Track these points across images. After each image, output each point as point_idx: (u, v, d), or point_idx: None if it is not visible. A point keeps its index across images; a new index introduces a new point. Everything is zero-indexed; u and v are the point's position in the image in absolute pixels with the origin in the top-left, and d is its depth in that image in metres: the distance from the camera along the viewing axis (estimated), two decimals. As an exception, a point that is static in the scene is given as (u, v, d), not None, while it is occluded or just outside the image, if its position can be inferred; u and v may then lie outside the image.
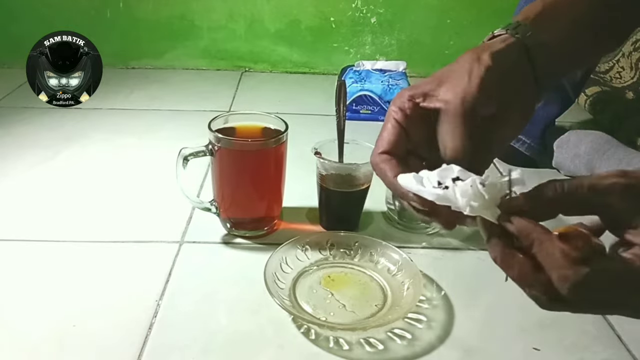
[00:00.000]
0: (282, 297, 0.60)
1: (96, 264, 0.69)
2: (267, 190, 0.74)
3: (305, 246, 0.69)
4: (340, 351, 0.57)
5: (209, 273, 0.68)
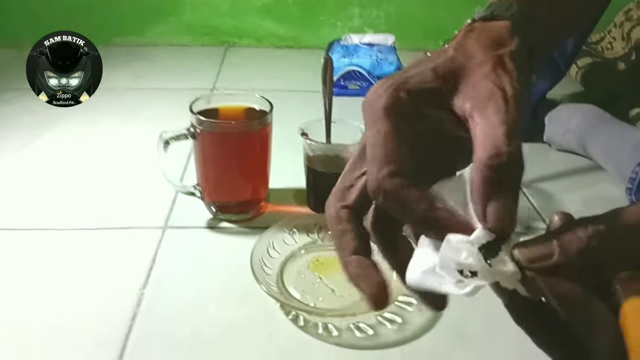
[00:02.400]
0: (269, 283, 0.59)
1: (76, 253, 0.67)
2: (253, 173, 0.72)
3: (293, 229, 0.68)
4: (329, 337, 0.56)
5: (194, 259, 0.66)
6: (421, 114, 0.32)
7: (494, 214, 0.27)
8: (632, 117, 0.95)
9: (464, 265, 0.28)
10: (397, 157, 0.30)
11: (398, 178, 0.29)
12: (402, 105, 0.31)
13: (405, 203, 0.29)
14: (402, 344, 0.55)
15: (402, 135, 0.30)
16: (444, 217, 0.28)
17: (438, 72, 0.32)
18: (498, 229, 0.27)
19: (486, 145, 0.28)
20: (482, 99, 0.31)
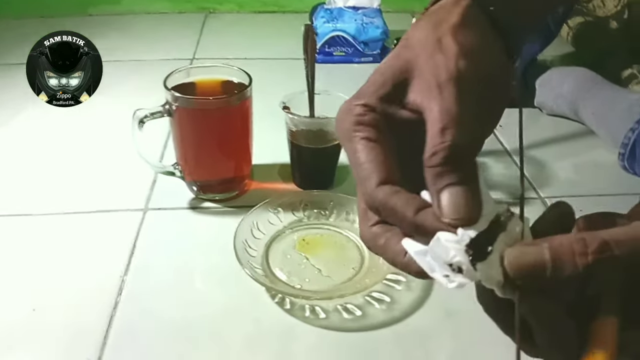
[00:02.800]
0: (253, 266, 0.57)
1: (52, 239, 0.64)
2: (234, 150, 0.69)
3: (278, 208, 0.66)
4: (316, 320, 0.54)
5: (176, 242, 0.64)
6: (392, 119, 0.31)
7: (446, 207, 0.27)
8: (624, 78, 0.92)
9: (452, 262, 0.27)
10: (379, 168, 0.30)
11: (387, 186, 0.29)
12: (367, 119, 0.31)
13: (396, 209, 0.29)
14: (391, 324, 0.54)
15: (378, 148, 0.30)
16: (431, 220, 0.28)
17: (386, 75, 0.32)
18: (455, 222, 0.27)
19: (427, 144, 0.28)
20: (425, 90, 0.30)
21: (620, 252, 0.25)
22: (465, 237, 0.26)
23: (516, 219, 0.28)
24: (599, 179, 0.77)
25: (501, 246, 0.26)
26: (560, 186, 0.76)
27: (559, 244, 0.25)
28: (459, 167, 0.28)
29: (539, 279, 0.25)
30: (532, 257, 0.25)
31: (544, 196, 0.73)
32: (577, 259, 0.25)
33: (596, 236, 0.25)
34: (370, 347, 0.52)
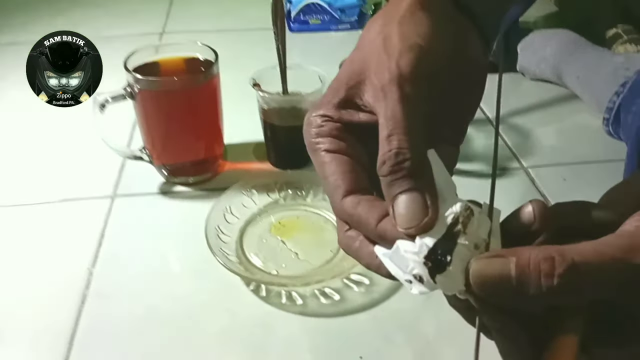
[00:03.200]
0: (226, 254, 0.55)
1: (16, 231, 0.61)
2: (203, 130, 0.66)
3: (251, 190, 0.63)
4: (293, 307, 0.52)
5: (146, 230, 0.61)
6: (352, 125, 0.30)
7: (399, 216, 0.26)
8: (609, 38, 0.90)
9: (412, 273, 0.26)
10: (343, 179, 0.29)
11: (351, 197, 0.29)
12: (326, 130, 0.30)
13: (360, 220, 0.28)
14: (370, 308, 0.52)
15: (340, 158, 0.30)
16: (391, 230, 0.27)
17: (340, 80, 0.31)
18: (409, 232, 0.26)
19: (379, 152, 0.28)
20: (373, 93, 0.29)
21: (588, 277, 0.24)
22: (423, 248, 0.25)
23: (479, 217, 0.26)
24: (583, 145, 0.75)
25: (462, 252, 0.25)
26: (544, 154, 0.73)
27: (526, 261, 0.24)
28: (409, 174, 0.27)
29: (501, 295, 0.24)
30: (497, 272, 0.24)
31: (527, 165, 0.71)
32: (543, 280, 0.23)
33: (566, 256, 0.24)
34: (349, 333, 0.50)
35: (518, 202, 0.28)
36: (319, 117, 0.31)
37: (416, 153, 0.27)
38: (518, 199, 0.65)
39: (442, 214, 0.26)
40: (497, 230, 0.27)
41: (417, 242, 0.25)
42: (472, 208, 0.26)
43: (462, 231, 0.25)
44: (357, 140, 0.31)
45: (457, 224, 0.25)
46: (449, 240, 0.25)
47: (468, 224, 0.25)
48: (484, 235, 0.26)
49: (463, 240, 0.25)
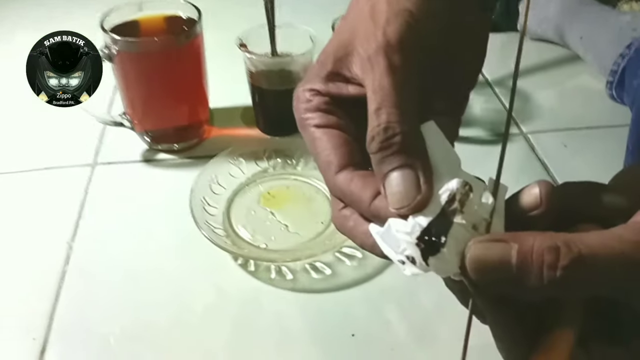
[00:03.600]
0: (213, 227, 0.52)
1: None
2: (186, 94, 0.62)
3: (239, 159, 0.60)
4: (283, 282, 0.50)
5: (129, 201, 0.58)
6: (342, 98, 0.29)
7: (390, 195, 0.25)
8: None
9: (404, 254, 0.24)
10: (335, 154, 0.28)
11: (345, 172, 0.27)
12: (314, 105, 0.29)
13: (353, 197, 0.27)
14: (363, 282, 0.50)
15: (331, 132, 0.28)
16: (385, 209, 0.25)
17: (327, 52, 0.29)
18: (400, 212, 0.25)
19: (368, 128, 0.26)
20: (360, 64, 0.28)
21: (594, 272, 0.22)
22: (416, 228, 0.24)
23: (481, 194, 0.24)
24: (586, 109, 0.72)
25: (459, 232, 0.23)
26: (544, 119, 0.71)
27: (529, 249, 0.22)
28: (400, 149, 0.25)
29: (499, 283, 0.23)
30: (496, 258, 0.22)
31: (527, 131, 0.68)
32: (545, 271, 0.22)
33: (572, 248, 0.22)
34: (341, 309, 0.48)
35: (517, 169, 0.26)
36: (307, 91, 0.29)
37: (407, 127, 0.25)
38: (517, 166, 0.63)
39: (437, 192, 0.24)
40: (502, 209, 0.24)
41: (409, 221, 0.24)
42: (470, 184, 0.24)
43: (459, 210, 0.23)
44: (348, 114, 0.29)
45: (454, 202, 0.23)
46: (444, 219, 0.23)
47: (466, 202, 0.23)
48: (485, 214, 0.24)
49: (460, 220, 0.23)
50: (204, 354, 0.45)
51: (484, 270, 0.23)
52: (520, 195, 0.25)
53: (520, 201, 0.25)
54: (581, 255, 0.21)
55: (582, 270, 0.21)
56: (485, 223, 0.23)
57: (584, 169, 0.63)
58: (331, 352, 0.45)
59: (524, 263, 0.22)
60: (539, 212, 0.24)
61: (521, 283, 0.22)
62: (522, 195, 0.25)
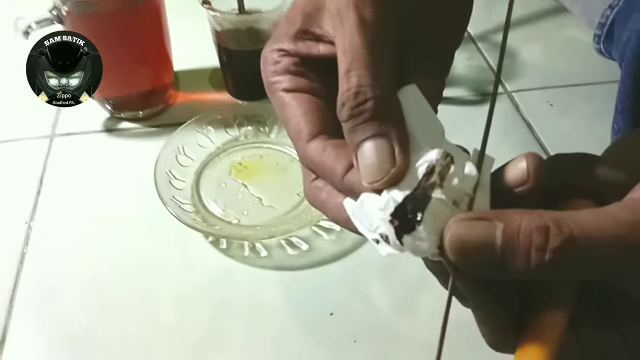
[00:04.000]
0: (179, 203, 0.49)
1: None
2: (148, 56, 0.58)
3: (207, 127, 0.56)
4: (257, 259, 0.48)
5: (90, 175, 0.55)
6: (312, 58, 0.26)
7: (362, 168, 0.23)
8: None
9: (377, 232, 0.22)
10: (306, 121, 0.25)
11: (317, 140, 0.25)
12: (283, 67, 0.26)
13: (325, 169, 0.25)
14: (342, 257, 0.48)
15: (301, 97, 0.26)
16: (359, 183, 0.23)
17: (296, 8, 0.27)
18: (374, 186, 0.22)
19: (338, 93, 0.24)
20: (331, 20, 0.25)
21: (586, 255, 0.20)
22: (390, 204, 0.21)
23: (464, 166, 0.22)
24: (572, 65, 0.69)
25: (438, 208, 0.21)
26: (529, 76, 0.67)
27: (515, 229, 0.20)
28: (373, 117, 0.23)
29: (481, 265, 0.21)
30: (478, 239, 0.20)
31: (511, 90, 0.65)
32: (533, 254, 0.20)
33: (563, 228, 0.20)
34: (319, 286, 0.46)
35: (500, 130, 0.24)
36: (274, 52, 0.27)
37: (380, 91, 0.23)
38: (501, 127, 0.60)
39: (415, 164, 0.22)
40: (487, 183, 0.22)
41: (383, 196, 0.22)
42: (452, 156, 0.22)
43: (438, 184, 0.21)
44: (320, 76, 0.27)
45: (432, 175, 0.21)
46: (421, 194, 0.21)
47: (446, 175, 0.21)
48: (468, 189, 0.21)
49: (439, 195, 0.21)
50: (174, 340, 0.42)
51: (464, 252, 0.20)
52: (506, 170, 0.23)
53: (505, 176, 0.23)
54: (572, 236, 0.19)
55: (573, 253, 0.20)
56: (468, 199, 0.21)
57: (570, 129, 0.60)
58: (309, 333, 0.43)
59: (510, 245, 0.20)
60: (527, 187, 0.22)
61: (506, 266, 0.20)
62: (507, 169, 0.23)
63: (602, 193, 0.23)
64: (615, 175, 0.23)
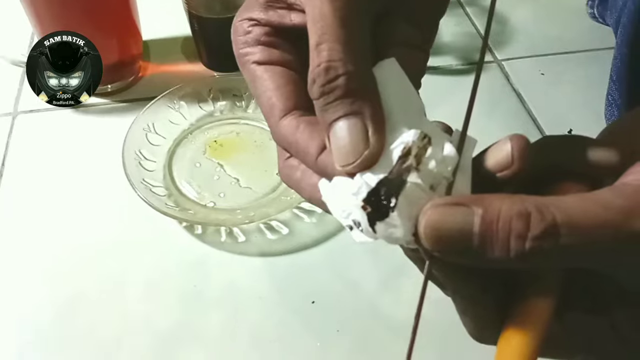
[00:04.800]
0: (149, 185, 0.46)
1: None
2: (112, 24, 0.53)
3: (179, 102, 0.52)
4: (235, 245, 0.45)
5: (56, 154, 0.51)
6: (285, 28, 0.25)
7: (335, 150, 0.21)
8: None
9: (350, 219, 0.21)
10: (278, 95, 0.24)
11: (290, 117, 0.23)
12: (253, 37, 0.25)
13: (298, 148, 0.23)
14: (324, 241, 0.46)
15: (273, 70, 0.24)
16: (332, 165, 0.22)
17: None
18: (346, 169, 0.21)
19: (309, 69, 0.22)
20: None
21: (570, 244, 0.18)
22: (363, 189, 0.20)
23: (442, 147, 0.20)
24: (564, 31, 0.66)
25: (413, 193, 0.20)
26: (520, 44, 0.64)
27: (494, 215, 0.19)
28: (345, 94, 0.21)
29: (458, 254, 0.19)
30: (455, 226, 0.19)
31: (501, 58, 0.62)
32: (512, 242, 0.18)
33: (546, 215, 0.18)
34: (300, 273, 0.44)
35: (489, 102, 0.21)
36: (244, 21, 0.25)
37: (353, 66, 0.21)
38: (489, 98, 0.57)
39: (391, 145, 0.21)
40: (468, 166, 0.21)
41: (356, 180, 0.20)
42: (429, 136, 0.20)
43: (414, 167, 0.20)
44: (294, 47, 0.25)
45: (408, 158, 0.20)
46: (396, 178, 0.20)
47: (423, 158, 0.20)
48: (447, 172, 0.20)
49: (415, 179, 0.20)
50: (146, 333, 0.40)
51: (440, 240, 0.19)
52: (489, 153, 0.21)
53: (489, 159, 0.21)
54: (556, 223, 0.18)
55: (556, 242, 0.18)
56: (447, 183, 0.20)
57: (562, 100, 0.58)
58: (290, 323, 0.41)
59: (488, 232, 0.18)
60: (511, 171, 0.21)
61: (484, 255, 0.19)
62: (491, 152, 0.21)
63: (596, 177, 0.22)
64: (607, 156, 0.22)
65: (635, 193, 0.19)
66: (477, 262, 0.19)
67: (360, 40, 0.22)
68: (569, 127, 0.53)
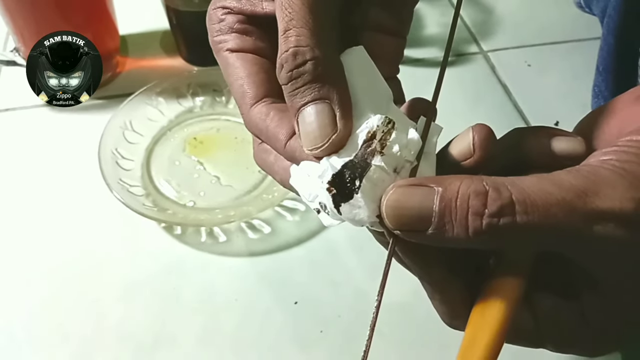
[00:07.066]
0: (127, 185, 0.45)
1: None
2: (87, 17, 0.52)
3: (157, 98, 0.51)
4: (215, 245, 0.44)
5: (31, 153, 0.50)
6: (258, 16, 0.24)
7: (302, 134, 0.21)
8: None
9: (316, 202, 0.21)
10: (250, 82, 0.24)
11: (261, 105, 0.24)
12: (226, 25, 0.25)
13: (268, 135, 0.23)
14: (306, 240, 0.45)
15: (246, 57, 0.24)
16: (300, 150, 0.22)
17: None
18: (313, 153, 0.21)
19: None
20: None
21: (525, 222, 0.19)
22: (328, 172, 0.21)
23: (406, 132, 0.21)
24: (551, 21, 0.65)
25: (377, 176, 0.20)
26: (506, 34, 0.63)
27: (453, 194, 0.19)
28: (313, 79, 0.21)
29: (419, 233, 0.20)
30: (415, 205, 0.19)
31: (487, 49, 0.61)
32: (470, 220, 0.19)
33: (502, 192, 0.19)
34: (282, 273, 0.43)
35: (475, 94, 0.22)
36: (218, 9, 0.25)
37: (320, 51, 0.21)
38: (475, 90, 0.56)
39: (357, 130, 0.21)
40: (432, 152, 0.22)
41: (322, 163, 0.21)
42: (394, 121, 0.21)
43: (379, 150, 0.20)
44: (267, 35, 0.25)
45: (373, 142, 0.21)
46: (361, 161, 0.20)
47: (387, 142, 0.21)
48: (410, 157, 0.21)
49: (379, 162, 0.20)
50: (123, 337, 0.39)
51: (401, 219, 0.20)
52: (454, 142, 0.22)
53: (452, 149, 0.22)
54: (512, 201, 0.19)
55: (511, 219, 0.19)
56: (410, 166, 0.21)
57: (549, 91, 0.57)
58: (271, 325, 0.40)
59: (447, 210, 0.19)
60: (473, 160, 0.22)
61: (445, 233, 0.19)
62: (455, 141, 0.22)
63: (562, 167, 0.21)
64: (573, 146, 0.22)
65: (591, 174, 0.19)
66: (439, 242, 0.20)
67: (328, 26, 0.22)
68: (555, 119, 0.52)
